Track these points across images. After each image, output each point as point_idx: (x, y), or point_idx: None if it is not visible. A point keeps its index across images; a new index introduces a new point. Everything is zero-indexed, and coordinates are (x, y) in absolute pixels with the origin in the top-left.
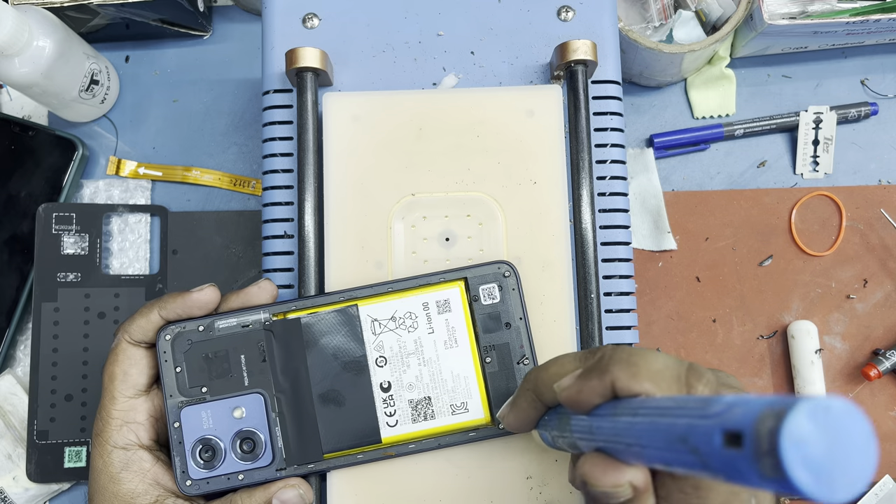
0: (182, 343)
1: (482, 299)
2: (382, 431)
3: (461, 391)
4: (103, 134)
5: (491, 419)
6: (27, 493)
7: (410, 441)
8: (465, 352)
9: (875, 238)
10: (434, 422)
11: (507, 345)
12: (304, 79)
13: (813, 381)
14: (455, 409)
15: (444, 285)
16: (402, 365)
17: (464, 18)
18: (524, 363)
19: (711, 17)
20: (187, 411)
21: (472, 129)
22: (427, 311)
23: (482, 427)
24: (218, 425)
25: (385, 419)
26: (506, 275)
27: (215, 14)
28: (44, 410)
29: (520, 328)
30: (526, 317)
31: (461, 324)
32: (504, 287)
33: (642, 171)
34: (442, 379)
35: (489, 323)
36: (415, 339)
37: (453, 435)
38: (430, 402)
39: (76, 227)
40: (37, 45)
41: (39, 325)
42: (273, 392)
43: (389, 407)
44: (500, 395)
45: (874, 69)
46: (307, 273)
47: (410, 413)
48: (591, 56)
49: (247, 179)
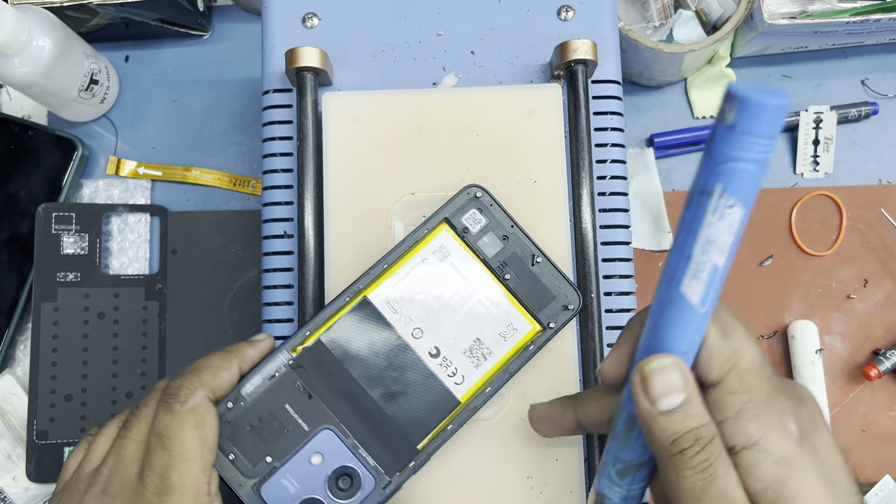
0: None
1: (471, 228)
2: (456, 392)
3: (500, 317)
4: (103, 134)
5: (539, 326)
6: (27, 493)
7: (484, 386)
8: (484, 280)
9: (875, 238)
10: (493, 357)
11: (514, 254)
12: (304, 78)
13: (813, 380)
14: (505, 335)
15: (430, 235)
16: (437, 325)
17: (464, 18)
18: (538, 261)
19: (711, 17)
20: (266, 489)
21: (472, 128)
22: (430, 265)
23: (536, 337)
24: (305, 483)
25: (450, 381)
26: (478, 196)
27: (215, 14)
28: (43, 410)
29: (517, 234)
30: (516, 222)
31: (466, 259)
32: (483, 207)
33: (642, 170)
34: (478, 316)
35: (488, 244)
36: (434, 296)
37: (515, 359)
38: (480, 343)
39: (76, 227)
40: (36, 44)
41: (39, 325)
42: (337, 421)
43: (448, 367)
44: (534, 298)
45: (874, 69)
46: (307, 273)
47: (469, 361)
48: (591, 56)
49: (247, 179)
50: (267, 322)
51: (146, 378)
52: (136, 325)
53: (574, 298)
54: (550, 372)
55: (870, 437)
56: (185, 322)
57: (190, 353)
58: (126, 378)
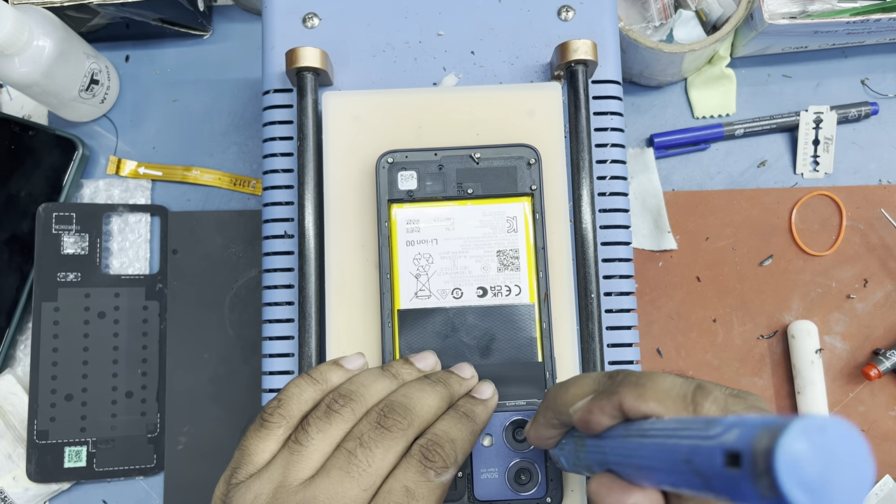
0: None
1: (411, 188)
2: (524, 301)
3: (495, 221)
4: (103, 134)
5: (525, 196)
6: (27, 492)
7: (536, 276)
8: (458, 210)
9: (875, 238)
10: (521, 251)
11: (458, 171)
12: (304, 78)
13: (813, 380)
14: (511, 228)
15: (391, 222)
16: (463, 275)
17: (464, 18)
18: (477, 157)
19: (711, 17)
20: (480, 493)
21: (472, 128)
22: (412, 243)
23: (533, 204)
24: (496, 461)
25: (513, 298)
26: (390, 161)
27: (215, 14)
28: (44, 410)
29: (445, 155)
30: (437, 149)
31: (430, 211)
32: (404, 164)
33: (642, 170)
34: (481, 238)
35: (431, 185)
36: (439, 259)
37: (536, 236)
38: (501, 253)
39: (76, 227)
40: (37, 44)
41: (39, 324)
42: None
43: (501, 292)
44: (502, 184)
45: (874, 69)
46: (307, 273)
47: (509, 273)
48: (591, 56)
49: (247, 179)
50: (267, 322)
51: (146, 378)
52: (136, 325)
53: (528, 153)
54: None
55: (870, 437)
56: (185, 322)
57: (190, 353)
58: (126, 378)
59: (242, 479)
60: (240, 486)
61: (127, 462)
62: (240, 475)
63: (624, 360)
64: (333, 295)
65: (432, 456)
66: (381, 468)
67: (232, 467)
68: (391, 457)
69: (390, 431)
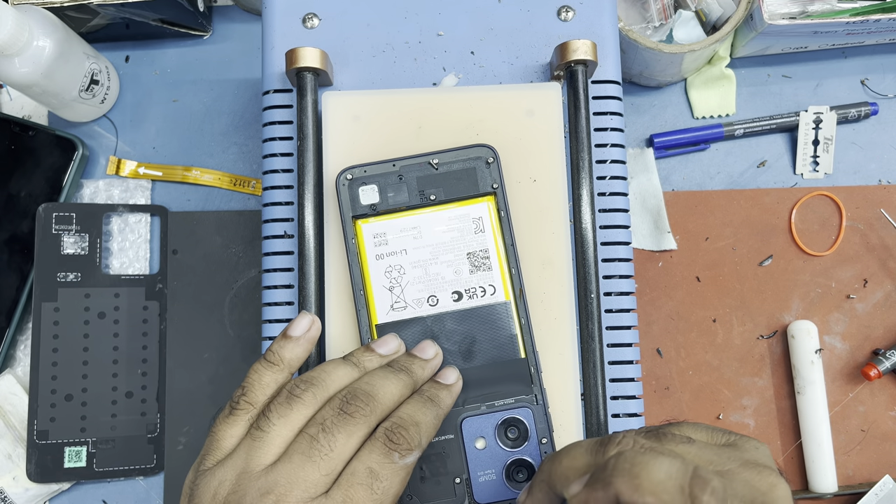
0: None
1: (373, 202)
2: (500, 299)
3: (461, 224)
4: (103, 134)
5: (488, 196)
6: (27, 492)
7: (508, 273)
8: (424, 218)
9: (875, 238)
10: (490, 251)
11: (419, 178)
12: (304, 79)
13: (813, 381)
14: (478, 229)
15: (359, 238)
16: (437, 281)
17: (464, 18)
18: (434, 164)
19: (711, 17)
20: (479, 495)
21: (472, 127)
22: (381, 256)
23: (496, 202)
24: (492, 462)
25: (488, 298)
26: (349, 178)
27: (215, 14)
28: (44, 410)
29: (403, 164)
30: (394, 160)
31: (395, 222)
32: (363, 179)
33: (642, 171)
34: (449, 243)
35: (393, 196)
36: (410, 268)
37: (504, 233)
38: (472, 255)
39: (76, 227)
40: (37, 45)
41: (39, 325)
42: (462, 408)
43: (475, 293)
44: (464, 186)
45: (874, 69)
46: (307, 273)
47: (481, 273)
48: (591, 56)
49: (247, 179)
50: (267, 322)
51: (146, 378)
52: (136, 325)
53: (485, 153)
54: (551, 372)
55: (870, 437)
56: (185, 322)
57: (190, 353)
58: (126, 378)
59: (209, 466)
60: (206, 473)
61: (127, 462)
62: (207, 462)
63: (624, 359)
64: (333, 295)
65: (397, 438)
66: (343, 453)
67: (202, 454)
68: (353, 442)
69: (353, 417)
